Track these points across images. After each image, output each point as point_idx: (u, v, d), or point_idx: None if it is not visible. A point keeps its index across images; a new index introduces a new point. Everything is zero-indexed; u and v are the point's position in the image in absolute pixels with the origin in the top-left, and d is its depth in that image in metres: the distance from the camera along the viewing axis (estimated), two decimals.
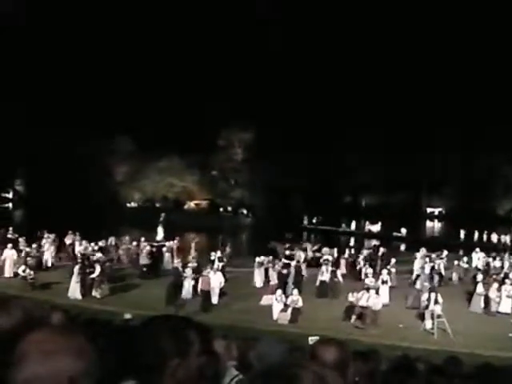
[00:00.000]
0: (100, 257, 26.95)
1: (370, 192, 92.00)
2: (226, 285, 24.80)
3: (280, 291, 22.58)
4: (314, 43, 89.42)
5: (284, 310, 21.44)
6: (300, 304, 21.55)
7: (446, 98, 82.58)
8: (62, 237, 35.61)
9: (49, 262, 29.69)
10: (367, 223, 65.37)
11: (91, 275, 24.23)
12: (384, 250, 33.75)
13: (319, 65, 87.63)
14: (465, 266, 31.36)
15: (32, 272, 25.10)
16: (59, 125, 77.56)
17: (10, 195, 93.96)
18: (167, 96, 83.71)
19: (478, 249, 34.78)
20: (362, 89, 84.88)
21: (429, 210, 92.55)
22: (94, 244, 31.27)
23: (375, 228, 63.38)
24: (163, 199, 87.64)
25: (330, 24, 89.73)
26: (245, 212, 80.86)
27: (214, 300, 23.58)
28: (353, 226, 68.56)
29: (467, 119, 77.84)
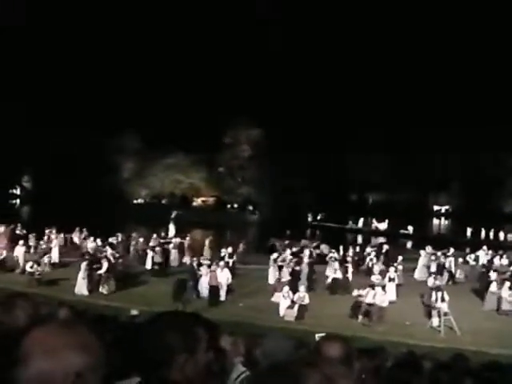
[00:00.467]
0: (107, 253, 27.06)
1: (378, 190, 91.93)
2: (233, 281, 24.82)
3: (287, 288, 22.53)
4: (314, 43, 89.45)
5: (291, 307, 21.41)
6: (307, 301, 21.53)
7: (451, 98, 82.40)
8: (69, 233, 35.82)
9: (56, 258, 29.76)
10: (374, 221, 65.28)
11: (98, 271, 24.32)
12: (387, 248, 33.79)
13: (319, 64, 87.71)
14: (471, 263, 31.34)
15: (39, 268, 25.22)
16: (65, 123, 77.89)
17: (18, 191, 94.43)
18: (173, 93, 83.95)
19: (485, 247, 34.69)
20: (368, 88, 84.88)
21: (436, 208, 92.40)
22: (100, 240, 31.40)
23: (382, 226, 63.31)
24: (170, 196, 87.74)
25: (330, 24, 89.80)
26: (251, 209, 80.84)
27: (222, 296, 23.63)
28: (360, 223, 68.43)
29: (474, 118, 77.65)
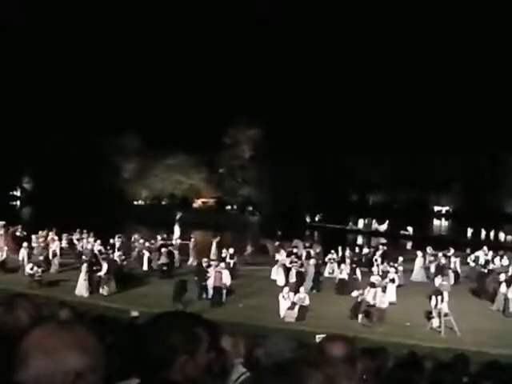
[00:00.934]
0: (107, 254, 27.05)
1: (378, 190, 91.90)
2: (233, 282, 24.83)
3: (287, 289, 22.56)
4: (314, 43, 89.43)
5: (291, 308, 21.42)
6: (307, 302, 21.55)
7: (451, 98, 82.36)
8: (70, 234, 35.78)
9: (56, 259, 29.73)
10: (374, 221, 65.24)
11: (98, 273, 24.32)
12: (384, 249, 33.80)
13: (319, 64, 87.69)
14: (472, 264, 31.34)
15: (39, 269, 25.21)
16: (65, 123, 77.90)
17: (18, 193, 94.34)
18: (174, 93, 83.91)
19: (484, 247, 34.67)
20: (368, 88, 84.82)
21: (436, 209, 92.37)
22: (101, 242, 31.35)
23: (382, 226, 63.26)
24: (170, 197, 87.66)
25: (330, 24, 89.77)
26: (251, 210, 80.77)
27: (223, 297, 23.64)
28: (360, 224, 68.38)
29: (474, 118, 77.60)
